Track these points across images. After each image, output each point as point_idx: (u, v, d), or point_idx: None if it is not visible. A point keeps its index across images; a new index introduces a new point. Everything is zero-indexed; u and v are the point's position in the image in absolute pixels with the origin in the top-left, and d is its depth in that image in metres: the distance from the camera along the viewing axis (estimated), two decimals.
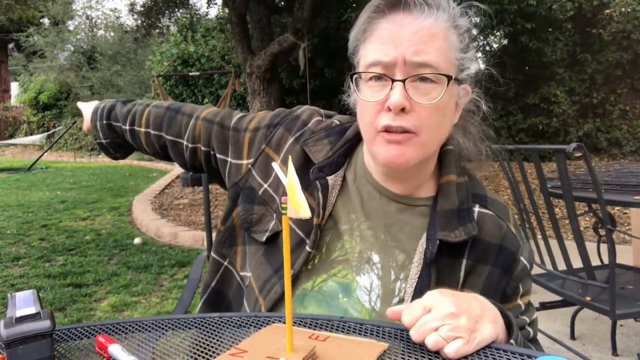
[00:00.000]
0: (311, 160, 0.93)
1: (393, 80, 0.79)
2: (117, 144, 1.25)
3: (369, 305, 0.86)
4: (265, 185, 0.97)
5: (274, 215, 0.95)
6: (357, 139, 0.95)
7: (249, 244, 0.99)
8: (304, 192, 0.65)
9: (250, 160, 1.00)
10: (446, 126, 0.86)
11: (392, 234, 0.89)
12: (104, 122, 1.23)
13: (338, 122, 0.98)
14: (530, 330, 0.90)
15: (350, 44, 0.88)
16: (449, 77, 0.79)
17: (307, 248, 0.89)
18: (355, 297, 0.86)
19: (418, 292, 0.82)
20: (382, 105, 0.80)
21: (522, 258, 0.88)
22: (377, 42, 0.81)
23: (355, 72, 0.85)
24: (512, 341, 0.75)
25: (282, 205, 0.67)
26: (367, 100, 0.82)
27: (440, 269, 0.84)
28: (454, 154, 0.92)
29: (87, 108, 1.31)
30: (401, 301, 0.85)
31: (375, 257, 0.88)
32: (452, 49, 0.81)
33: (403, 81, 0.78)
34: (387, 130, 0.80)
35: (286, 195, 0.66)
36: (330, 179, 0.91)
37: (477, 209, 0.88)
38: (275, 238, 0.93)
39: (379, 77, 0.81)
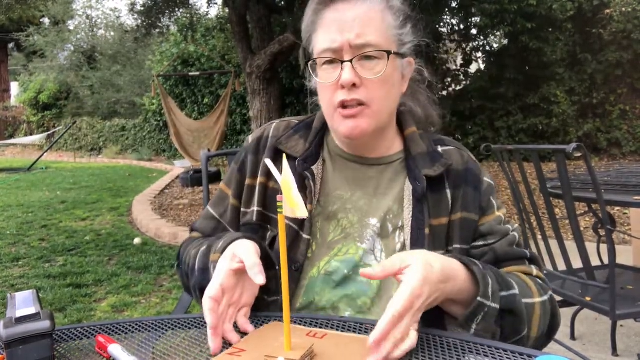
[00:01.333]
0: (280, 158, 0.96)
1: (342, 62, 0.90)
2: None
3: (376, 262, 0.93)
4: (256, 207, 1.00)
5: (268, 226, 0.99)
6: (325, 128, 1.04)
7: None
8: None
9: (243, 204, 1.02)
10: (394, 95, 0.96)
11: (381, 193, 0.98)
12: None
13: (297, 121, 1.07)
14: (516, 234, 0.99)
15: (303, 35, 0.99)
16: (389, 52, 0.91)
17: (305, 236, 0.95)
18: (362, 265, 0.93)
19: (415, 232, 0.91)
20: (336, 84, 0.91)
21: (485, 178, 1.01)
22: (325, 32, 0.92)
23: (310, 59, 0.96)
24: (489, 293, 0.79)
25: (278, 204, 0.68)
26: (323, 82, 0.94)
27: (431, 206, 0.94)
28: (409, 113, 1.05)
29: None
30: (403, 248, 0.92)
31: (374, 220, 0.96)
32: (389, 27, 0.93)
33: (350, 61, 0.89)
34: (344, 105, 0.91)
35: (281, 194, 0.66)
36: (314, 168, 0.98)
37: (440, 148, 1.01)
38: (273, 243, 0.97)
39: (330, 61, 0.92)
